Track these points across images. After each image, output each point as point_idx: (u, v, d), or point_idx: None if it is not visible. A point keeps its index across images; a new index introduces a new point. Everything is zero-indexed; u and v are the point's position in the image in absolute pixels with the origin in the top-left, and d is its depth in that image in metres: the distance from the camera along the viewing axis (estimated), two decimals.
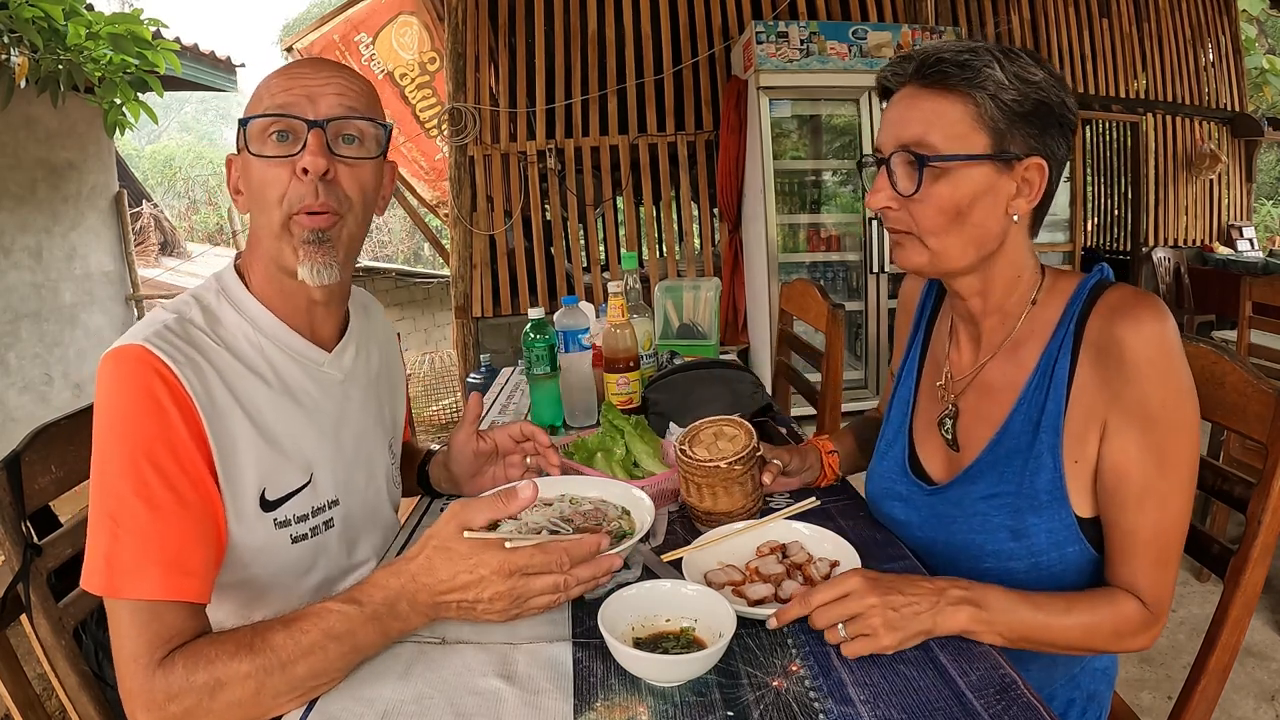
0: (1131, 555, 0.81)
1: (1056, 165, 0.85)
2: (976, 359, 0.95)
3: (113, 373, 0.78)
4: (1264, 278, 2.66)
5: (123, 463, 0.75)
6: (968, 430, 0.94)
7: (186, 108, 23.73)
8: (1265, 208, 11.50)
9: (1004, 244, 0.87)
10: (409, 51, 4.86)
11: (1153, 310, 0.78)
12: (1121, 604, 0.81)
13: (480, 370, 3.95)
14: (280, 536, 0.89)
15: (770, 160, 3.93)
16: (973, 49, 0.82)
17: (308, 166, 0.84)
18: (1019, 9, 4.95)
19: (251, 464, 0.85)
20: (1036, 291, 0.90)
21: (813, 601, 0.77)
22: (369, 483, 1.03)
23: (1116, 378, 0.79)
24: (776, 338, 2.10)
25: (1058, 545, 0.85)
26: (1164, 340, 0.77)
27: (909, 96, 0.85)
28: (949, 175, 0.82)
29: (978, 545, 0.89)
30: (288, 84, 0.86)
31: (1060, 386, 0.84)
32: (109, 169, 5.08)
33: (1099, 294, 0.84)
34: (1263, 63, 8.48)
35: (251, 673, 0.71)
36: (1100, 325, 0.81)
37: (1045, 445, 0.84)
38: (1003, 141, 0.82)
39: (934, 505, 0.95)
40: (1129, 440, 0.80)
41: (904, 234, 0.88)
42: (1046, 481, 0.84)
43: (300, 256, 0.86)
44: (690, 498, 1.03)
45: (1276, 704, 1.93)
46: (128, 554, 0.74)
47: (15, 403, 4.26)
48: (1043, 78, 0.82)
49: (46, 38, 2.82)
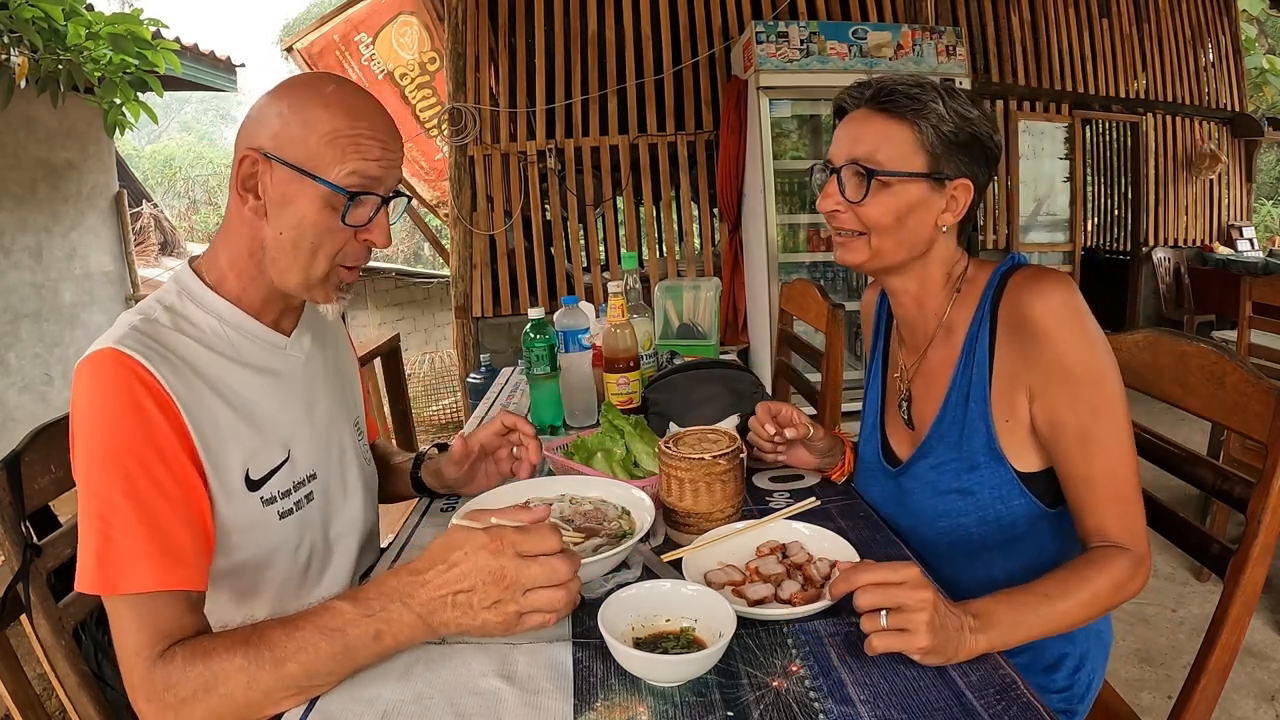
0: (1094, 503, 0.88)
1: (979, 189, 1.00)
2: (918, 347, 1.08)
3: (89, 378, 0.79)
4: (1264, 278, 2.66)
5: (105, 464, 0.77)
6: (920, 409, 1.07)
7: (186, 108, 23.72)
8: (1265, 208, 11.50)
9: (932, 249, 1.01)
10: (409, 51, 4.86)
11: (1052, 280, 0.90)
12: (1111, 563, 0.84)
13: (480, 370, 3.95)
14: (269, 514, 0.92)
15: (770, 160, 3.93)
16: (921, 85, 0.96)
17: (377, 242, 0.92)
18: (1019, 9, 4.94)
19: (234, 446, 0.88)
20: (960, 282, 1.03)
21: (863, 578, 0.74)
22: (340, 457, 1.07)
23: (1031, 345, 0.90)
24: (776, 338, 2.10)
25: (1003, 499, 0.96)
26: (1066, 304, 0.88)
27: (863, 117, 0.99)
28: (891, 187, 0.97)
29: (931, 508, 1.02)
30: (379, 152, 0.88)
31: (983, 361, 0.96)
32: (109, 169, 5.08)
33: (1009, 275, 0.96)
34: (1263, 63, 8.49)
35: (244, 667, 0.72)
36: (1010, 302, 0.94)
37: (976, 412, 0.96)
38: (938, 164, 0.96)
39: (899, 483, 1.08)
40: (1056, 397, 0.90)
41: (848, 233, 1.01)
42: (981, 443, 0.96)
43: (332, 299, 0.94)
44: (670, 496, 1.02)
45: (1276, 704, 1.92)
46: (119, 551, 0.75)
47: (15, 403, 4.26)
48: (977, 115, 0.97)
49: (46, 38, 2.83)
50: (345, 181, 0.86)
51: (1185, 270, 5.59)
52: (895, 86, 0.96)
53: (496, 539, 0.73)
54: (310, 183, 0.85)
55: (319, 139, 0.85)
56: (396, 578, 0.76)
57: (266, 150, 0.86)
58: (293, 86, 0.88)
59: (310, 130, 0.85)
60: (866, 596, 0.73)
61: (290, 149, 0.85)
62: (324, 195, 0.86)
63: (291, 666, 0.72)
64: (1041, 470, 0.96)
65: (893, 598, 0.72)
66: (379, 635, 0.74)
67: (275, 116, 0.86)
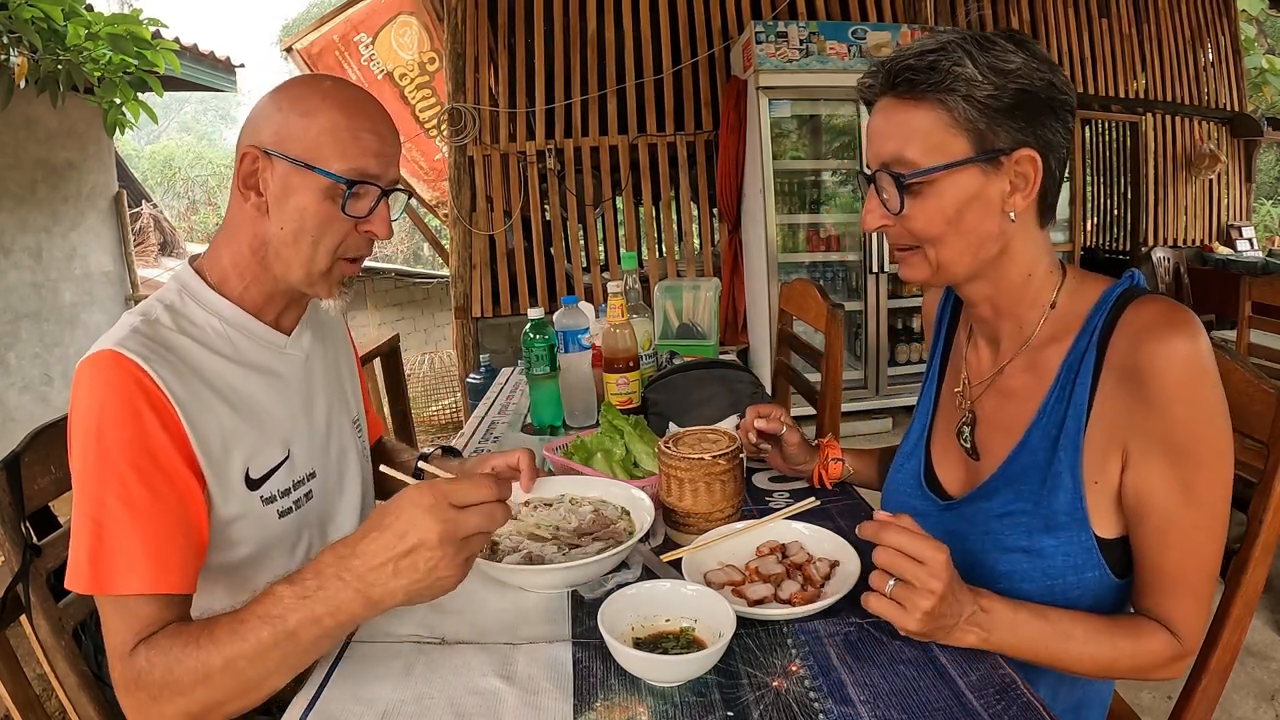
0: (1158, 588, 0.78)
1: (1053, 154, 0.80)
2: (995, 363, 0.91)
3: (88, 380, 0.79)
4: (1263, 277, 2.67)
5: (101, 467, 0.77)
6: (986, 438, 0.90)
7: (186, 108, 23.70)
8: (1265, 208, 11.50)
9: (1008, 245, 0.82)
10: (408, 52, 4.85)
11: (1184, 331, 0.72)
12: (1147, 639, 0.77)
13: (480, 370, 3.95)
14: (268, 513, 0.93)
15: (770, 160, 3.93)
16: (941, 46, 0.77)
17: (378, 234, 0.92)
18: (1019, 9, 4.95)
19: (234, 446, 0.88)
20: (1056, 293, 0.85)
21: (891, 539, 0.71)
22: (341, 456, 1.07)
23: (1140, 405, 0.74)
24: (776, 338, 2.10)
25: (1075, 569, 0.80)
26: (1194, 365, 0.72)
27: (884, 110, 0.82)
28: (933, 186, 0.79)
29: (990, 565, 0.84)
30: (377, 146, 0.89)
31: (1081, 404, 0.79)
32: (109, 169, 5.08)
33: (1126, 303, 0.78)
34: (1262, 63, 8.48)
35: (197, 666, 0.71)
36: (1125, 345, 0.76)
37: (1064, 464, 0.80)
38: (985, 140, 0.77)
39: (947, 521, 0.90)
40: (1152, 470, 0.75)
41: (905, 249, 0.86)
42: (1065, 502, 0.80)
43: (334, 293, 0.95)
44: (670, 496, 1.02)
45: (1276, 704, 1.92)
46: (110, 553, 0.76)
47: (15, 403, 4.26)
48: (1021, 63, 0.76)
49: (46, 38, 2.83)
50: (344, 172, 0.87)
51: (1185, 270, 5.58)
52: (907, 62, 0.79)
53: (427, 492, 0.69)
54: (310, 174, 0.87)
55: (318, 132, 0.87)
56: (333, 552, 0.71)
57: (267, 147, 0.87)
58: (291, 85, 0.91)
59: (309, 125, 0.87)
60: (885, 557, 0.72)
61: (290, 144, 0.87)
62: (324, 186, 0.87)
63: (238, 660, 0.70)
64: (1118, 537, 0.81)
65: (907, 573, 0.71)
66: (318, 619, 0.69)
67: (275, 114, 0.88)
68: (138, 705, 0.74)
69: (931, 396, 1.01)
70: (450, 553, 0.68)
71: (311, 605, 0.69)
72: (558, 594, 0.90)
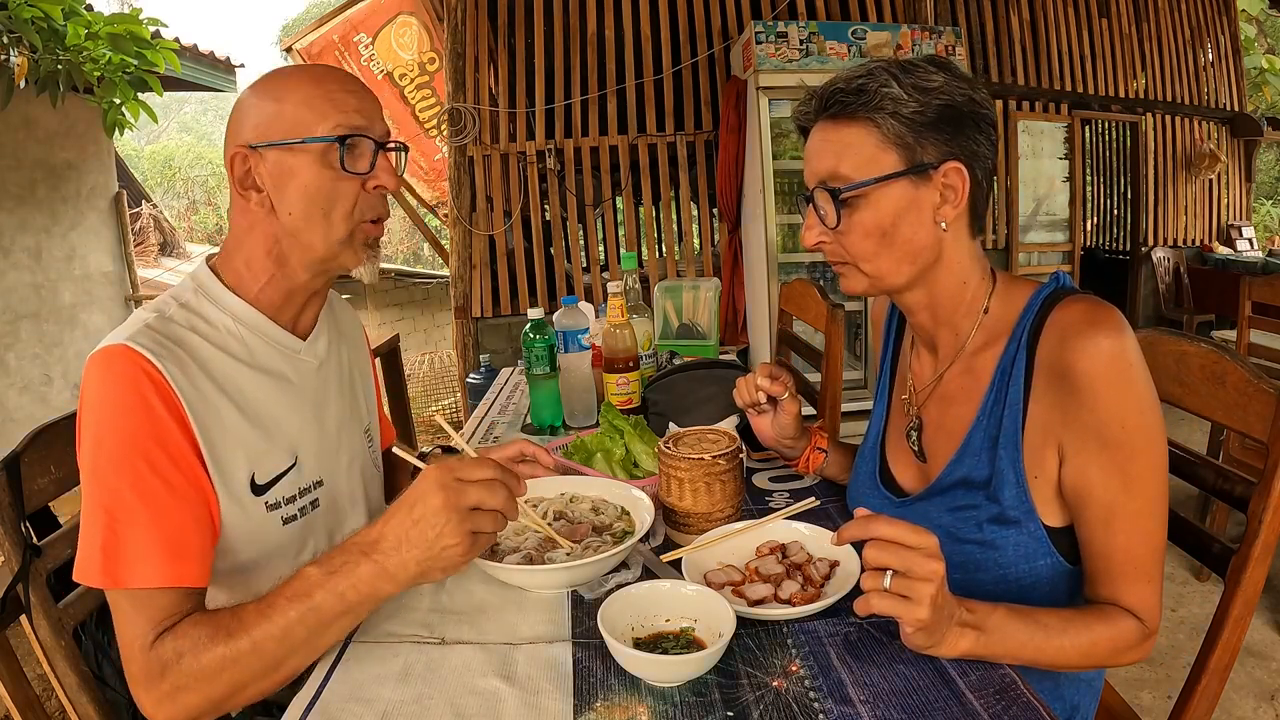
0: (1110, 575, 0.80)
1: (980, 163, 0.85)
2: (935, 369, 0.96)
3: (99, 373, 0.79)
4: (1263, 277, 2.66)
5: (114, 459, 0.77)
6: (932, 441, 0.95)
7: (186, 108, 23.68)
8: (1265, 207, 11.50)
9: (941, 254, 0.87)
10: (408, 52, 4.85)
11: (1107, 328, 0.76)
12: (1118, 622, 0.79)
13: (480, 370, 3.95)
14: (272, 519, 0.92)
15: (770, 160, 3.93)
16: (869, 71, 0.84)
17: (387, 185, 0.92)
18: (1018, 9, 4.94)
19: (239, 449, 0.88)
20: (988, 299, 0.90)
21: (881, 530, 0.69)
22: (350, 465, 1.06)
23: (1071, 400, 0.78)
24: (776, 338, 2.10)
25: (1027, 558, 0.84)
26: (1118, 360, 0.75)
27: (819, 133, 0.88)
28: (867, 199, 0.85)
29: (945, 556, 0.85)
30: (356, 102, 0.89)
31: (1016, 404, 0.83)
32: (108, 169, 5.08)
33: (1053, 304, 0.82)
34: (1262, 63, 8.49)
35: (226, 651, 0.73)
36: (1052, 345, 0.80)
37: (1006, 461, 0.84)
38: (913, 154, 0.83)
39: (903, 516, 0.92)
40: (1089, 463, 0.79)
41: (841, 263, 0.91)
42: (1011, 497, 0.83)
43: (363, 259, 0.94)
44: (670, 496, 1.02)
45: (1276, 704, 1.93)
46: (125, 545, 0.76)
47: (15, 403, 4.26)
48: (943, 81, 0.83)
49: (46, 38, 2.83)
50: (331, 131, 0.87)
51: (1185, 270, 5.59)
52: (837, 86, 0.85)
53: (435, 467, 0.76)
54: (301, 150, 0.87)
55: (294, 107, 0.87)
56: (363, 532, 0.77)
57: (251, 142, 0.88)
58: (257, 82, 0.92)
59: (283, 105, 0.87)
60: (877, 552, 0.69)
61: (273, 130, 0.87)
62: (318, 154, 0.88)
63: (266, 642, 0.73)
64: (1067, 526, 0.85)
65: (904, 561, 0.68)
66: (341, 593, 0.74)
67: (250, 110, 0.89)
68: (161, 697, 0.74)
69: (884, 403, 1.07)
70: (454, 520, 0.73)
71: (336, 580, 0.74)
72: (558, 594, 0.90)
